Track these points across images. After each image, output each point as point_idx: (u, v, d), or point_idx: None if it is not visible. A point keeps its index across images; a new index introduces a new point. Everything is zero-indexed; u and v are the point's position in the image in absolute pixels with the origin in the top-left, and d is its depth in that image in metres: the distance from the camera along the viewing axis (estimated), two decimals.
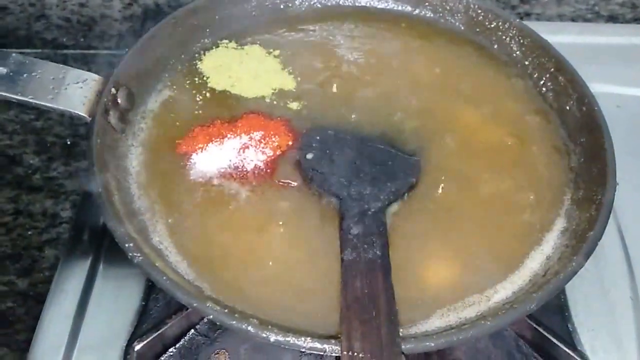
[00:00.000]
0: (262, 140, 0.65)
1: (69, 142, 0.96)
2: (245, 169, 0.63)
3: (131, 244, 0.52)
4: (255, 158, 0.63)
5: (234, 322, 0.49)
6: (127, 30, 0.99)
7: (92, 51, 1.01)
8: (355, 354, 0.47)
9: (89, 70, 0.65)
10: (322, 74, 0.72)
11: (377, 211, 0.59)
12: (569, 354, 0.60)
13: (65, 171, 0.97)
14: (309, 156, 0.64)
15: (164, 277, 0.51)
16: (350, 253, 0.55)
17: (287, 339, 0.48)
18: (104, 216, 0.55)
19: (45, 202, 0.96)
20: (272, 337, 0.49)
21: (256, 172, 0.63)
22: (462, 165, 0.65)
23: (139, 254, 0.52)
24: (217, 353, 0.61)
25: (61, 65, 0.64)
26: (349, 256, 0.55)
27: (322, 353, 0.48)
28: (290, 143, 0.65)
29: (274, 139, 0.65)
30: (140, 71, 0.68)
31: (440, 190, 0.63)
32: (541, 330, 0.60)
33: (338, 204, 0.60)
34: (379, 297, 0.51)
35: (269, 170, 0.63)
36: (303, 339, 0.48)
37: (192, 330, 0.61)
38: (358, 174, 0.62)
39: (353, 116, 0.68)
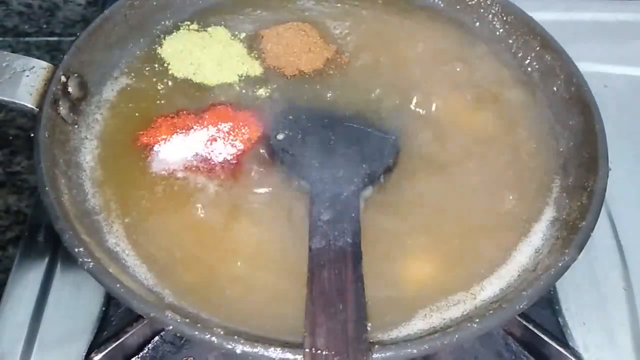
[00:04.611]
0: (231, 132, 0.61)
1: (32, 135, 0.92)
2: (212, 162, 0.59)
3: (81, 249, 0.48)
4: (223, 150, 0.59)
5: (196, 332, 0.45)
6: (92, 15, 0.94)
7: (55, 38, 0.98)
8: (319, 351, 0.43)
9: (53, 58, 0.60)
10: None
11: (350, 195, 0.55)
12: (560, 351, 0.56)
13: (29, 165, 0.92)
14: (280, 137, 0.60)
15: (117, 285, 0.46)
16: (319, 241, 0.51)
17: (255, 349, 0.44)
18: (51, 218, 0.50)
19: (8, 198, 0.91)
20: (239, 348, 0.44)
21: (224, 164, 0.58)
22: (442, 150, 0.61)
23: (89, 260, 0.47)
24: None
25: (5, 52, 0.59)
26: (318, 244, 0.50)
27: None
28: (260, 134, 0.61)
29: (243, 131, 0.61)
30: (93, 57, 0.64)
31: (419, 178, 0.59)
32: (531, 327, 0.57)
33: (309, 189, 0.56)
34: (347, 289, 0.47)
35: (237, 162, 0.59)
36: (273, 349, 0.44)
37: (157, 337, 0.57)
38: (331, 155, 0.58)
39: (329, 95, 0.65)
